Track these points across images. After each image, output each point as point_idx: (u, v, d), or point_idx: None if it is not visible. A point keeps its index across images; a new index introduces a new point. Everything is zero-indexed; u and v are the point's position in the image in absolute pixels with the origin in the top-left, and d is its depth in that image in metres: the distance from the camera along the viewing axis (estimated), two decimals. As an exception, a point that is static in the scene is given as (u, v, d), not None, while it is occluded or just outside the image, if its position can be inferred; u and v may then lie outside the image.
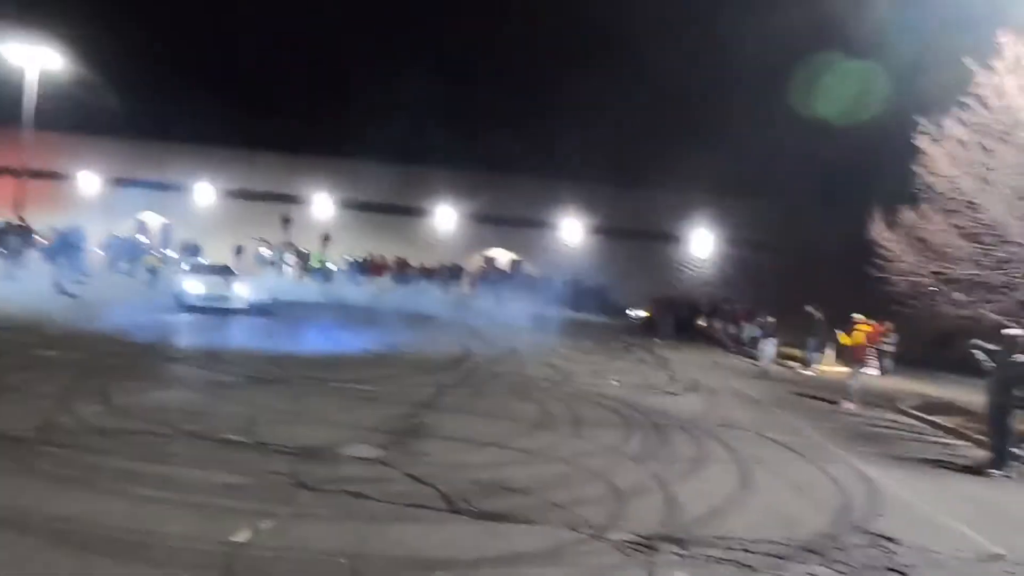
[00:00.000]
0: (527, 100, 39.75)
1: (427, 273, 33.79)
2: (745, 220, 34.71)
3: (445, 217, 38.65)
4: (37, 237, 23.44)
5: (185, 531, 4.50)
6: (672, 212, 35.70)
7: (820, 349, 19.13)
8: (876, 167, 16.73)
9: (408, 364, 12.53)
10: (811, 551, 5.35)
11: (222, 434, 6.76)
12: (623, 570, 4.69)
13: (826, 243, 27.51)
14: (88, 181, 39.54)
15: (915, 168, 11.99)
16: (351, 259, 34.29)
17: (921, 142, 11.85)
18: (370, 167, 37.37)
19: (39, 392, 7.63)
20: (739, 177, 32.60)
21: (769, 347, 19.85)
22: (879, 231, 13.09)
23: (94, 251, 26.55)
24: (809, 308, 18.43)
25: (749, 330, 23.99)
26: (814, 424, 11.00)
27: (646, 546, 5.08)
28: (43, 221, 26.68)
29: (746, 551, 5.20)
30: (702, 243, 36.53)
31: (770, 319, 20.45)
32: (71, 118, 34.64)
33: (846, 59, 23.86)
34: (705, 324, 28.19)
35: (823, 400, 13.63)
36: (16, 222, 24.29)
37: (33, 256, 21.07)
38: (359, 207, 38.84)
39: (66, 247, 19.46)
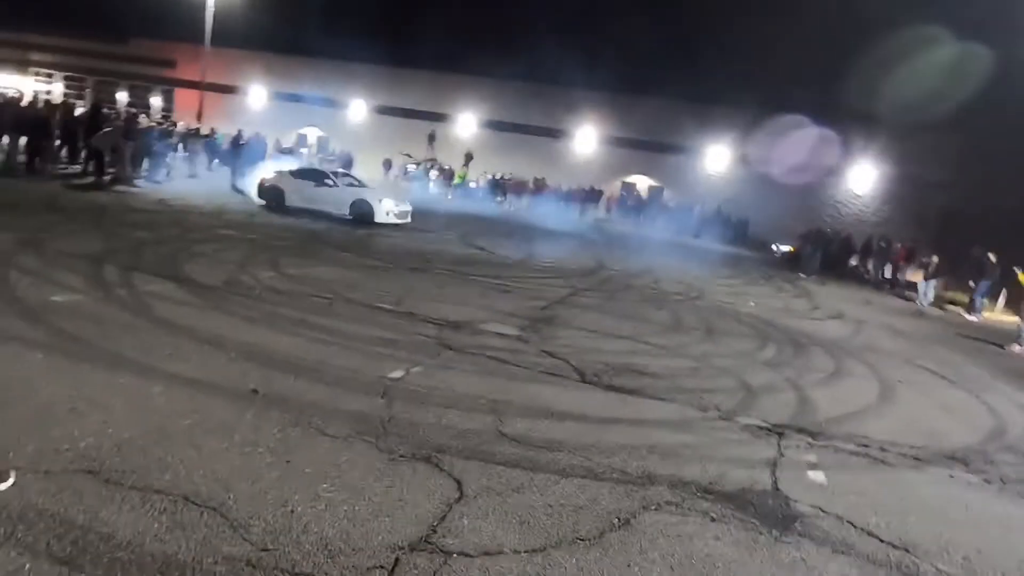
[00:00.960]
0: (677, 22, 37.61)
1: (565, 194, 33.81)
2: (912, 153, 31.52)
3: (586, 139, 38.15)
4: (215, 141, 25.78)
5: (349, 365, 5.08)
6: (828, 143, 33.02)
7: (988, 294, 17.44)
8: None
9: (543, 269, 12.85)
10: (955, 459, 5.15)
11: (376, 303, 7.39)
12: (750, 445, 4.77)
13: (1008, 182, 24.57)
14: (257, 95, 42.57)
15: None
16: (492, 176, 34.94)
17: None
18: (513, 86, 37.44)
19: (222, 259, 8.66)
20: (909, 106, 29.43)
21: (929, 288, 18.40)
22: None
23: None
24: (980, 250, 16.76)
25: (908, 271, 22.27)
26: (972, 360, 10.22)
27: (775, 431, 5.11)
28: (218, 128, 29.31)
29: (882, 449, 5.09)
30: (861, 177, 33.68)
31: (933, 259, 18.86)
32: (245, 37, 37.18)
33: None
34: (858, 263, 26.34)
35: (987, 342, 12.54)
36: (196, 128, 26.86)
37: (211, 159, 23.29)
38: (501, 126, 39.17)
39: (240, 151, 21.32)
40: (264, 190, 16.03)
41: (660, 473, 4.00)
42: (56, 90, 41.96)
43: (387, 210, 15.65)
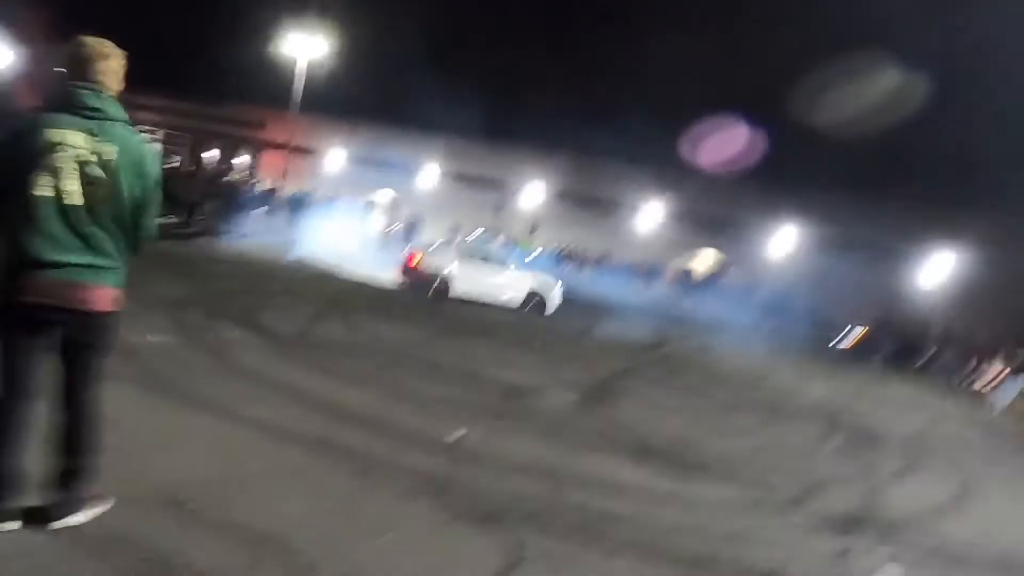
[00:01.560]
0: (757, 101, 37.97)
1: (628, 268, 33.85)
2: (1001, 241, 30.33)
3: (651, 213, 38.37)
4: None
5: (414, 422, 5.20)
6: (907, 225, 32.21)
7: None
8: None
9: (605, 341, 12.83)
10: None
11: (442, 363, 7.54)
12: (818, 534, 4.59)
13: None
14: (336, 157, 44.83)
15: None
16: (555, 248, 35.38)
17: None
18: (582, 159, 38.28)
19: (296, 312, 9.04)
20: (997, 187, 28.58)
21: (1008, 392, 17.39)
22: None
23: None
24: None
25: (990, 370, 21.16)
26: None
27: (844, 521, 4.91)
28: (299, 189, 30.89)
29: (965, 547, 4.81)
30: (941, 262, 32.53)
31: (1020, 353, 17.93)
32: (328, 102, 39.56)
33: None
34: (932, 354, 25.20)
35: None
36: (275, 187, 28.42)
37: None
38: (567, 197, 39.88)
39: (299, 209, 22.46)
40: (416, 274, 13.42)
41: (720, 557, 3.89)
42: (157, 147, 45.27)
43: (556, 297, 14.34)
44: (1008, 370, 18.05)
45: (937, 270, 32.69)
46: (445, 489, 4.02)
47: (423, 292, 13.21)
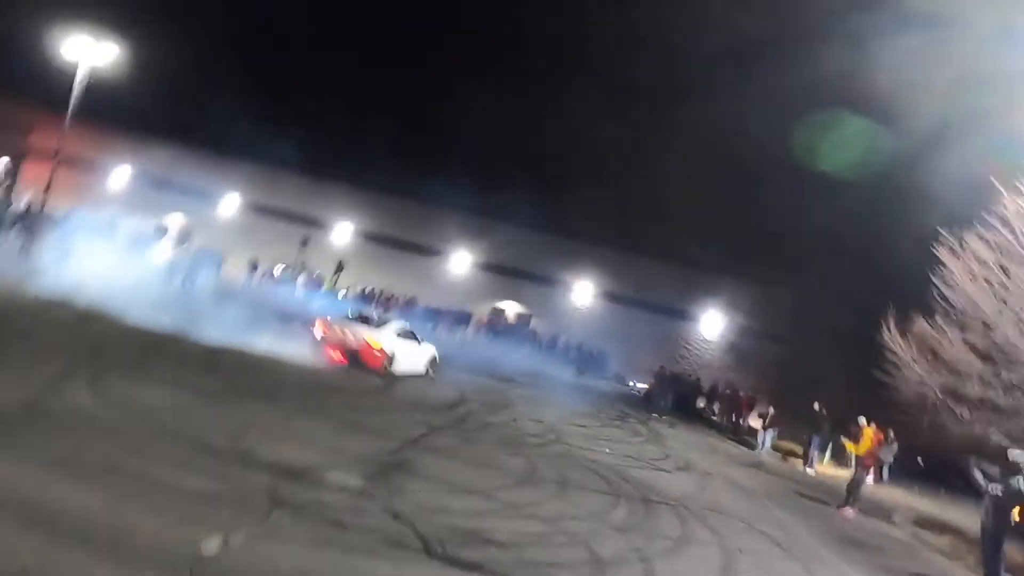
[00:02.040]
0: (551, 158, 40.28)
1: (435, 313, 33.79)
2: (757, 308, 34.69)
3: (460, 262, 38.91)
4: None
5: (156, 531, 4.41)
6: (685, 289, 35.74)
7: (822, 448, 18.87)
8: (894, 271, 16.72)
9: (401, 400, 12.41)
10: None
11: (208, 440, 6.67)
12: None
13: (836, 341, 27.37)
14: (119, 174, 40.30)
15: (933, 278, 12.01)
16: (362, 289, 34.46)
17: (941, 253, 11.90)
18: (391, 202, 37.97)
19: (30, 374, 7.60)
20: (757, 262, 32.73)
21: (767, 437, 19.63)
22: (891, 336, 13.04)
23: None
24: (816, 405, 18.23)
25: (750, 418, 23.76)
26: (805, 523, 10.74)
27: (620, 620, 4.92)
28: (67, 207, 27.10)
29: (722, 641, 5.01)
30: (711, 324, 36.43)
31: (771, 409, 20.25)
32: (114, 113, 35.55)
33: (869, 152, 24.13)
34: (704, 406, 27.89)
35: (819, 501, 13.33)
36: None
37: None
38: (376, 239, 39.24)
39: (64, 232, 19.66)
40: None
41: None
42: None
43: None
44: (761, 424, 20.30)
45: (708, 329, 36.49)
46: (179, 634, 3.37)
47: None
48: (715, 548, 7.59)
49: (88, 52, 29.33)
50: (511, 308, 38.85)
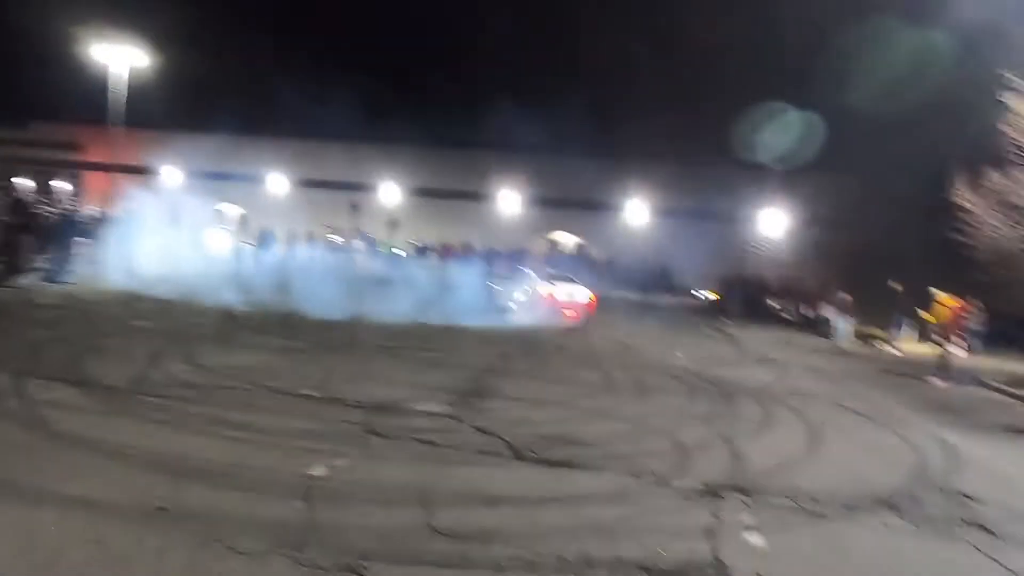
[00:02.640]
0: (587, 82, 39.32)
1: (491, 255, 34.04)
2: (817, 197, 33.50)
3: (508, 201, 38.83)
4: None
5: (267, 464, 4.78)
6: (739, 191, 34.76)
7: (903, 326, 18.36)
8: (957, 128, 15.81)
9: (473, 335, 12.74)
10: (886, 504, 5.22)
11: (298, 389, 7.09)
12: (687, 512, 4.71)
13: (907, 215, 26.30)
14: (171, 175, 41.59)
15: (1000, 127, 11.33)
16: (417, 243, 34.98)
17: (1007, 98, 11.18)
18: (434, 154, 37.99)
19: (131, 355, 8.16)
20: (809, 151, 31.46)
21: (844, 325, 19.24)
22: (962, 195, 12.44)
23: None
24: (891, 284, 17.68)
25: (824, 309, 23.28)
26: (893, 396, 10.62)
27: (710, 493, 5.08)
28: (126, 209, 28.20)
29: (815, 500, 5.12)
30: (772, 222, 35.43)
31: (845, 296, 19.78)
32: (155, 115, 36.51)
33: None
34: (776, 304, 27.41)
35: (907, 376, 13.11)
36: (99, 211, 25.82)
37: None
38: (424, 193, 39.49)
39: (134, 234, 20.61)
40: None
41: (598, 556, 3.86)
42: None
43: None
44: (836, 312, 19.87)
45: (770, 227, 35.49)
46: (304, 541, 3.69)
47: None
48: (799, 425, 7.65)
49: (118, 58, 30.01)
50: (567, 239, 38.75)
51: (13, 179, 40.32)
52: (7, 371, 6.62)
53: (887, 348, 17.84)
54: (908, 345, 18.38)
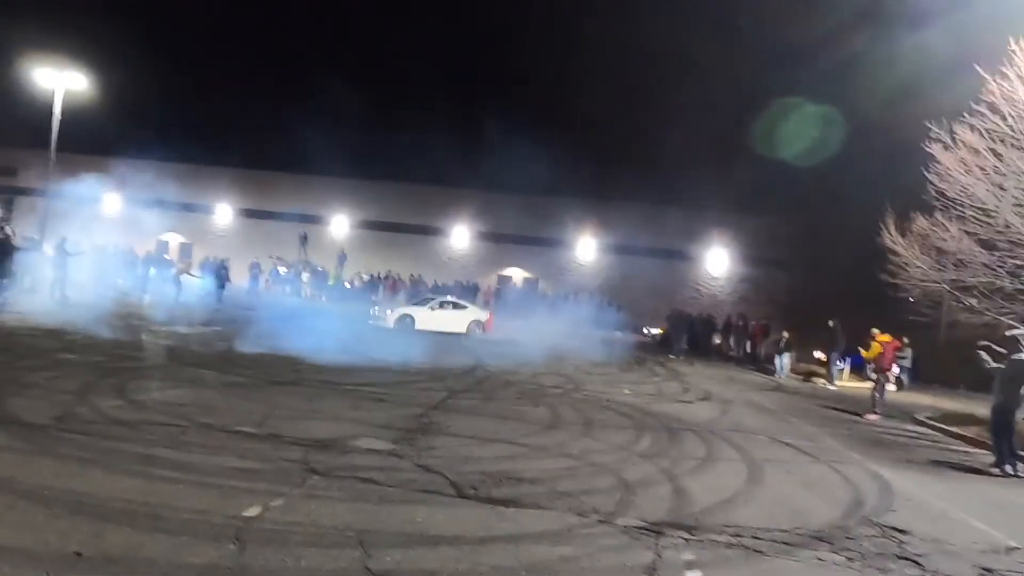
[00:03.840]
0: (536, 119, 40.00)
1: (441, 290, 33.93)
2: (758, 238, 34.64)
3: (460, 236, 38.90)
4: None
5: (199, 506, 4.59)
6: (686, 230, 35.68)
7: (840, 362, 19.01)
8: (889, 175, 16.66)
9: (419, 372, 12.59)
10: (821, 539, 5.32)
11: (236, 426, 6.86)
12: (629, 551, 4.70)
13: (840, 256, 27.37)
14: (111, 201, 40.30)
15: (927, 175, 11.98)
16: (367, 277, 34.61)
17: (933, 149, 11.85)
18: (385, 187, 37.93)
19: (58, 387, 7.79)
20: (751, 194, 32.59)
21: (785, 361, 19.78)
22: (892, 239, 13.05)
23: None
24: (831, 322, 18.32)
25: (764, 346, 23.91)
26: (829, 431, 10.91)
27: (653, 531, 5.09)
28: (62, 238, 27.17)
29: (755, 538, 5.19)
30: (716, 261, 36.42)
31: (785, 334, 20.38)
32: (95, 140, 35.50)
33: (853, 65, 23.85)
34: (720, 341, 28.03)
35: (843, 411, 13.51)
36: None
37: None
38: (375, 226, 39.25)
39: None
40: None
41: (539, 596, 3.82)
42: None
43: None
44: (776, 349, 20.43)
45: (714, 266, 36.47)
46: (234, 587, 3.54)
47: None
48: (741, 463, 7.77)
49: (57, 81, 29.20)
50: (517, 274, 38.94)
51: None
52: (-82, 407, 6.22)
53: (824, 384, 18.39)
54: (844, 381, 19.00)
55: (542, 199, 36.30)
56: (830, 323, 18.60)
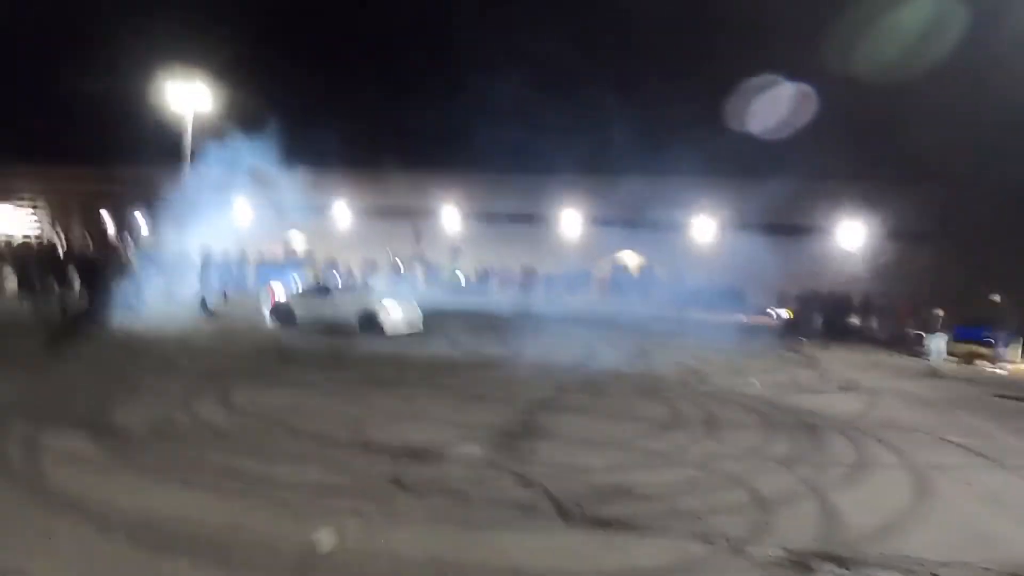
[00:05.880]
0: (645, 99, 38.24)
1: (554, 279, 33.35)
2: (900, 209, 31.33)
3: (571, 223, 38.07)
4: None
5: (268, 529, 4.15)
6: (814, 203, 32.89)
7: (1008, 343, 16.57)
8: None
9: (528, 366, 11.97)
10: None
11: (329, 432, 6.49)
12: (769, 593, 3.80)
13: (998, 225, 24.17)
14: (242, 210, 42.75)
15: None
16: (480, 268, 34.60)
17: None
18: (495, 179, 37.71)
19: (164, 392, 7.79)
20: (891, 162, 29.48)
21: (938, 343, 17.52)
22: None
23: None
24: (997, 297, 16.01)
25: (913, 326, 21.46)
26: (1009, 427, 9.22)
27: (798, 563, 4.15)
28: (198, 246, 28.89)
29: (932, 574, 4.11)
30: (851, 235, 33.37)
31: (937, 312, 18.07)
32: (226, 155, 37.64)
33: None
34: (859, 322, 25.50)
35: (1018, 400, 11.58)
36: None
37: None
38: (486, 218, 39.19)
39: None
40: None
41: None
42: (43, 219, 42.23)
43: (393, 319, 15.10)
44: (929, 329, 18.18)
45: (847, 240, 33.52)
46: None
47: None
48: (901, 470, 6.53)
49: (189, 99, 31.12)
50: (631, 259, 37.62)
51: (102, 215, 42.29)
52: (25, 417, 6.28)
53: (991, 368, 16.07)
54: (1017, 364, 16.54)
55: (655, 181, 34.71)
56: (995, 298, 16.26)
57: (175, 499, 4.56)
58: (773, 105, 30.41)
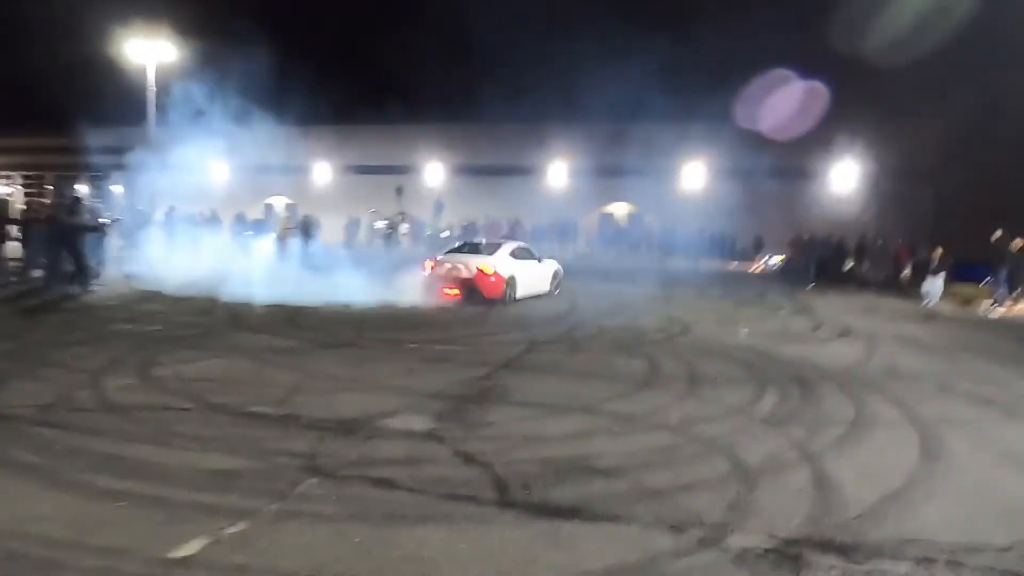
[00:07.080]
0: (628, 45, 36.57)
1: (541, 231, 32.37)
2: (896, 148, 30.15)
3: (558, 174, 36.86)
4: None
5: (124, 540, 3.31)
6: (804, 143, 31.67)
7: (1012, 282, 15.77)
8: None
9: (503, 322, 11.14)
10: (1062, 563, 3.38)
11: (251, 407, 5.65)
12: (749, 600, 3.00)
13: (1000, 161, 23.17)
14: (219, 170, 41.31)
15: None
16: (465, 224, 33.54)
17: None
18: (478, 130, 36.38)
19: (81, 366, 6.92)
20: (882, 100, 28.23)
21: (937, 284, 16.74)
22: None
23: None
24: (999, 232, 15.18)
25: (910, 268, 20.68)
26: (1019, 371, 8.47)
27: (786, 555, 3.35)
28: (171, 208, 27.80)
29: (955, 563, 3.33)
30: (844, 177, 32.30)
31: (938, 249, 17.26)
32: (196, 111, 36.06)
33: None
34: (854, 265, 24.68)
35: None
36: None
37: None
38: (469, 171, 37.97)
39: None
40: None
41: None
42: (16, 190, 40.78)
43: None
44: (927, 271, 17.39)
45: (842, 182, 32.53)
46: None
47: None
48: (907, 426, 5.74)
49: (150, 54, 29.60)
50: (620, 209, 36.57)
51: (69, 183, 40.86)
52: None
53: (994, 309, 15.31)
54: (1018, 304, 15.78)
55: (642, 127, 33.37)
56: (996, 234, 15.43)
57: (26, 503, 3.71)
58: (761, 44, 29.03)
